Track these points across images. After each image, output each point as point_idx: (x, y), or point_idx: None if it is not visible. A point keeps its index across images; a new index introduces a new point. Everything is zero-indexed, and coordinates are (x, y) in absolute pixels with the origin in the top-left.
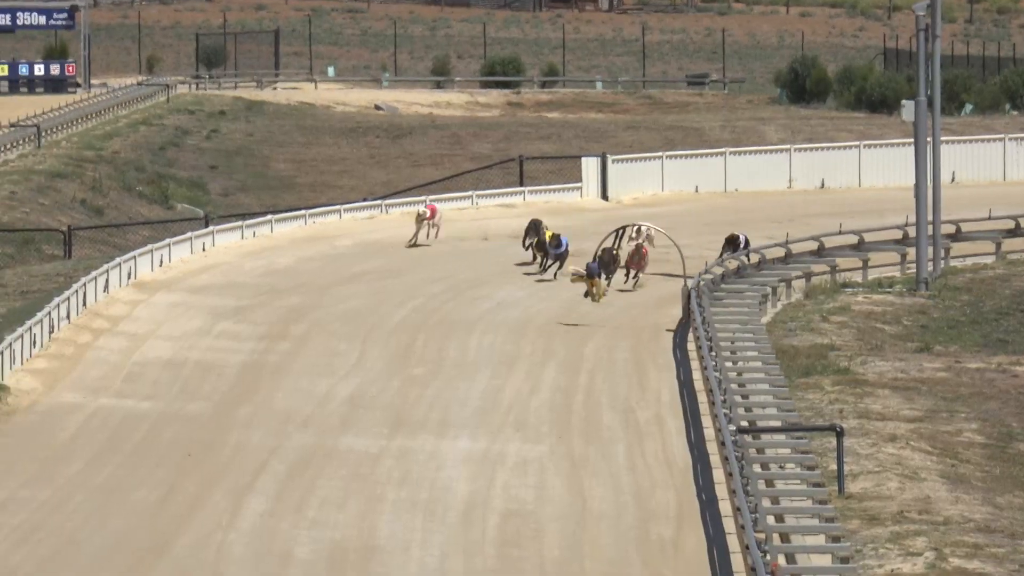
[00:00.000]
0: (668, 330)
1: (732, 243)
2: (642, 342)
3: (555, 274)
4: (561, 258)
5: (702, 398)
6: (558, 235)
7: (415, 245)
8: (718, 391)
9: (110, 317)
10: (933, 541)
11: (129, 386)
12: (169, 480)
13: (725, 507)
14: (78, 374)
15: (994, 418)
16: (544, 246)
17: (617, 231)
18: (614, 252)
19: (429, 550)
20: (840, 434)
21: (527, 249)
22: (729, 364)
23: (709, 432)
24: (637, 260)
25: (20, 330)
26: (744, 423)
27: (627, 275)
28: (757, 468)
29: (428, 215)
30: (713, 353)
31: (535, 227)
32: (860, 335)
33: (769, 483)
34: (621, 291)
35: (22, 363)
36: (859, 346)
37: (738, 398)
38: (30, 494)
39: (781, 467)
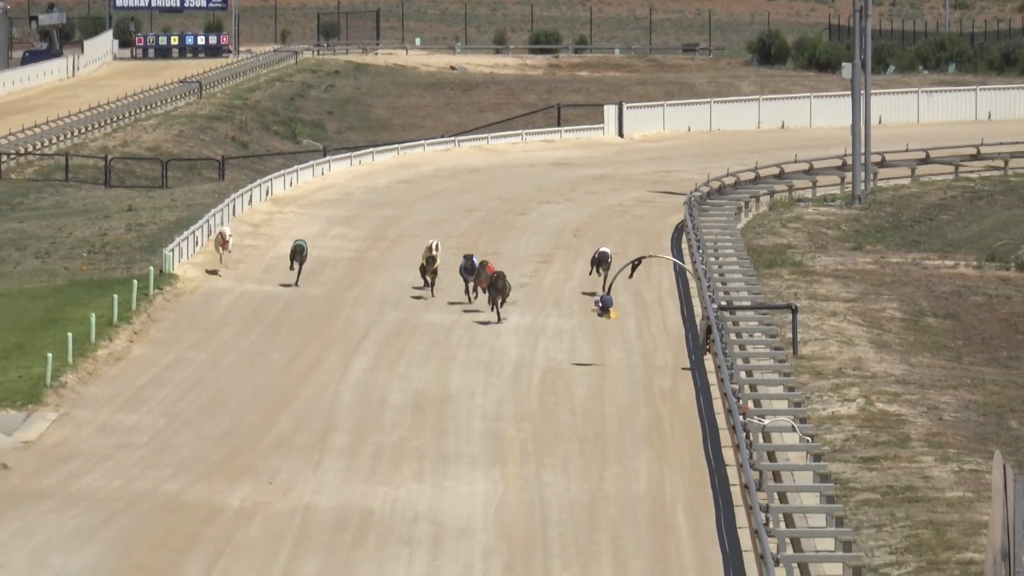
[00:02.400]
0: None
1: (601, 259)
2: (648, 241)
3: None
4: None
5: (692, 284)
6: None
7: (215, 272)
8: (704, 279)
9: (252, 223)
10: (863, 391)
11: (267, 275)
12: (296, 346)
13: (708, 365)
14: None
15: (909, 299)
16: (302, 259)
17: (633, 263)
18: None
19: (488, 397)
20: (795, 311)
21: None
22: (712, 259)
23: (697, 310)
24: (484, 277)
25: (186, 233)
26: (723, 303)
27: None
28: (733, 336)
29: (223, 242)
30: (701, 250)
31: (299, 250)
32: (810, 237)
33: (741, 347)
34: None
35: (188, 258)
36: (809, 245)
37: (719, 284)
38: (193, 355)
39: (750, 335)
